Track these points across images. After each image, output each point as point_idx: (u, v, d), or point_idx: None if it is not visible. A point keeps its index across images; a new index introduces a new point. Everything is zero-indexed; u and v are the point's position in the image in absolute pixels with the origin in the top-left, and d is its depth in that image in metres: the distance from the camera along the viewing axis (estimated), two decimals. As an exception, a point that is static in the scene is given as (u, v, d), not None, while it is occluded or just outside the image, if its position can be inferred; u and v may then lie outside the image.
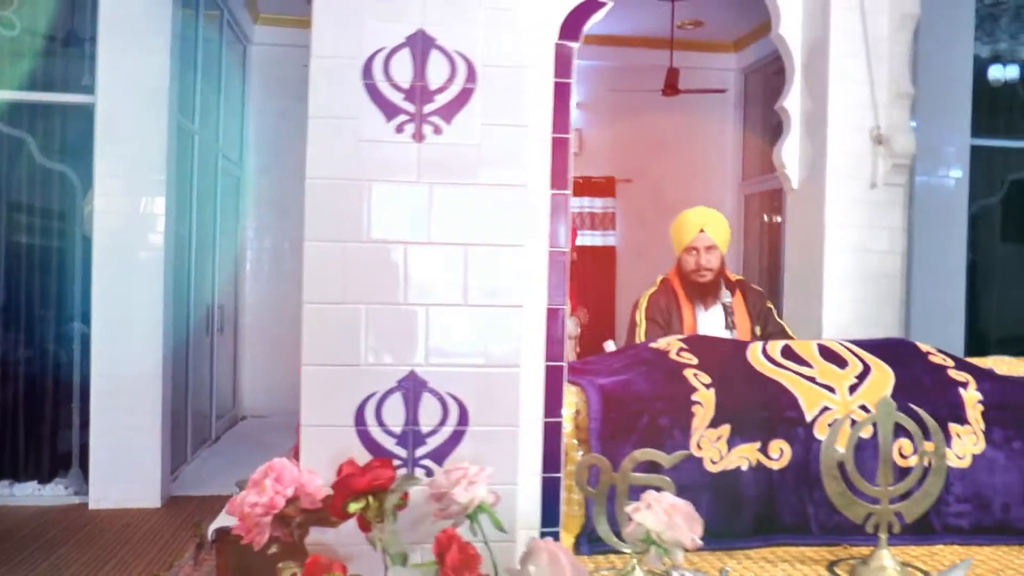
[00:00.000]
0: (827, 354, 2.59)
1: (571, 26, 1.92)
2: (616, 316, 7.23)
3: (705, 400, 2.37)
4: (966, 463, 2.48)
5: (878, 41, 3.92)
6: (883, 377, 2.52)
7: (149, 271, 4.75)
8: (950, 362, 2.64)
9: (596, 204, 7.35)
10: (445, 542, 1.50)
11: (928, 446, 2.21)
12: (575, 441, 2.34)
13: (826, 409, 2.39)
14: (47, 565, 3.95)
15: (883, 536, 2.18)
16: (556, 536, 1.95)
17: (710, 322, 3.33)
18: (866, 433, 2.34)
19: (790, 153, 4.13)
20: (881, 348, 2.70)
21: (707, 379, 2.42)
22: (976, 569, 2.27)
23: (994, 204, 5.80)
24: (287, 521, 1.70)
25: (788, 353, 2.58)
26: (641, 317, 3.38)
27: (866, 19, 3.88)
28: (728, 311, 3.26)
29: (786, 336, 3.33)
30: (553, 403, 1.92)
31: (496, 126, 1.81)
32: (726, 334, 3.23)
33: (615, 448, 2.27)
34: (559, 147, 1.91)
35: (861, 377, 2.50)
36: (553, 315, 1.91)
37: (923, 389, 2.51)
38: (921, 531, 2.44)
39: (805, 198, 4.13)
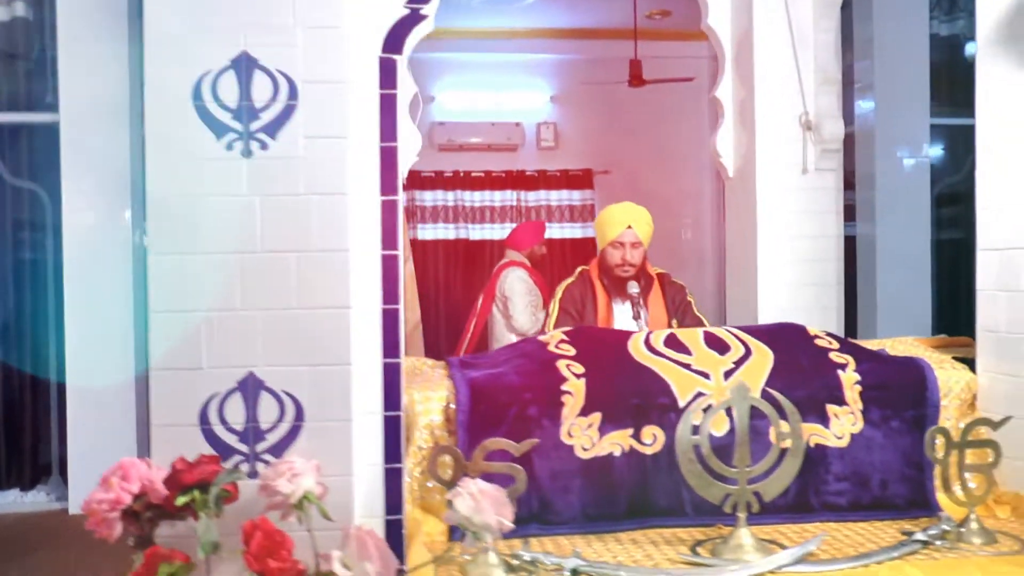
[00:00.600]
0: (711, 341, 2.68)
1: (393, 40, 2.03)
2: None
3: (575, 390, 2.46)
4: (844, 443, 2.56)
5: (803, 28, 3.96)
6: (761, 361, 2.59)
7: (119, 282, 4.92)
8: (834, 344, 2.71)
9: (575, 197, 7.35)
10: (250, 530, 1.62)
11: (783, 426, 2.29)
12: (446, 433, 2.46)
13: (700, 394, 2.47)
14: (26, 567, 4.12)
15: (741, 515, 2.27)
16: (399, 523, 2.06)
17: (625, 315, 3.41)
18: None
19: (725, 142, 4.19)
20: (767, 333, 2.79)
21: (580, 369, 2.52)
22: (843, 542, 2.35)
23: (959, 183, 5.79)
24: (137, 516, 1.84)
25: (671, 342, 2.67)
26: (555, 307, 3.47)
27: (790, 7, 3.93)
28: (635, 303, 3.34)
29: None
30: (392, 398, 2.03)
31: (319, 138, 1.93)
32: (633, 326, 3.30)
33: (484, 438, 2.38)
34: (387, 155, 2.02)
35: (739, 362, 2.59)
36: (389, 316, 2.02)
37: (801, 372, 2.59)
38: (800, 510, 2.53)
39: (740, 186, 4.18)
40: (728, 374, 2.56)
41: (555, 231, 7.28)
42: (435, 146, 7.06)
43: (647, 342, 2.68)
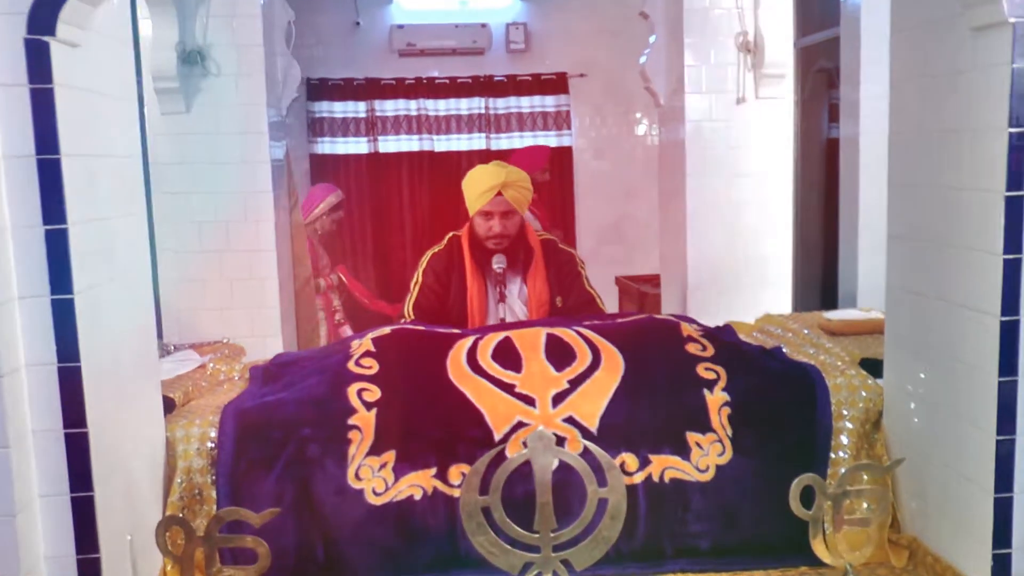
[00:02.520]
0: (554, 348, 2.31)
1: (39, 18, 1.50)
2: (576, 221, 6.79)
3: (363, 424, 2.12)
4: (708, 476, 2.15)
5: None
6: (606, 379, 2.22)
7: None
8: (707, 351, 2.28)
9: (548, 103, 6.79)
10: None
11: (614, 476, 1.81)
12: (209, 479, 2.03)
13: (521, 425, 2.10)
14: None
15: (551, 586, 1.83)
16: (96, 563, 1.65)
17: (496, 295, 2.93)
18: (573, 450, 2.01)
19: (655, 65, 3.57)
20: (628, 334, 2.41)
21: (374, 395, 2.18)
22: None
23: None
24: None
25: (501, 353, 2.31)
26: (418, 278, 3.06)
27: None
28: (499, 282, 2.84)
29: (590, 308, 2.99)
30: (73, 411, 1.60)
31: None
32: (498, 309, 2.81)
33: (252, 486, 2.01)
34: (47, 173, 1.53)
35: (578, 380, 2.22)
36: (61, 307, 1.57)
37: (654, 393, 2.21)
38: (649, 557, 2.16)
39: (671, 116, 3.63)
40: (560, 398, 2.16)
41: (528, 140, 6.74)
42: (395, 51, 6.49)
43: (471, 354, 2.26)
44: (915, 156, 1.97)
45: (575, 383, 2.15)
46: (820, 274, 4.21)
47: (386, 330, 2.41)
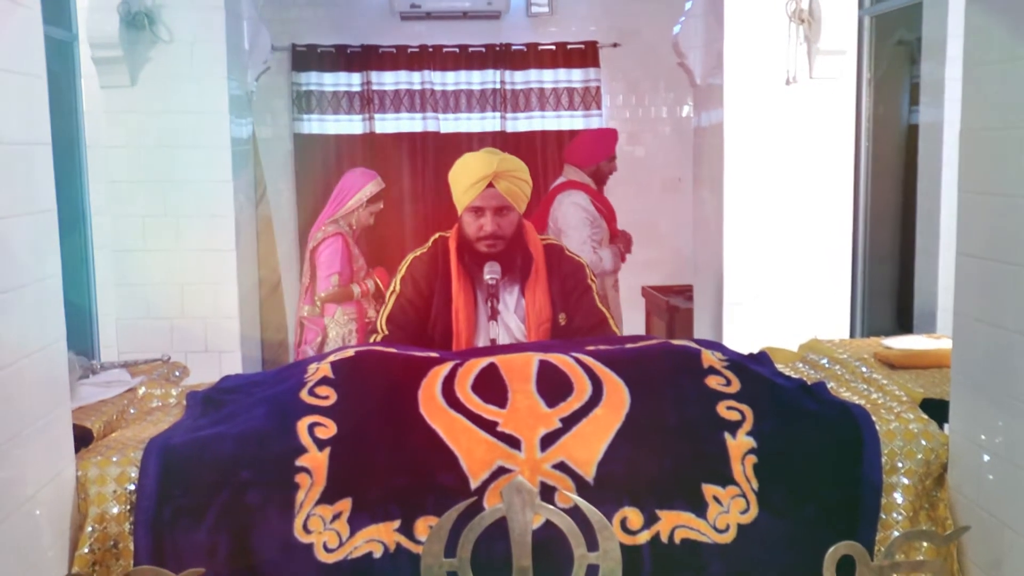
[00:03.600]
0: (547, 378, 2.25)
1: None
2: (605, 218, 6.74)
3: (314, 466, 2.06)
4: (728, 537, 2.08)
5: None
6: (607, 417, 2.15)
7: None
8: (732, 386, 2.27)
9: (575, 77, 6.72)
10: None
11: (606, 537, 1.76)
12: (126, 530, 1.98)
13: (502, 472, 2.05)
14: None
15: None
16: None
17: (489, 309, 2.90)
18: (563, 503, 1.99)
19: (691, 36, 3.52)
20: (636, 362, 2.35)
21: (329, 431, 2.13)
22: None
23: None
24: None
25: (484, 383, 2.24)
26: (395, 286, 3.01)
27: None
28: (492, 295, 2.79)
29: (603, 330, 2.94)
30: None
31: None
32: (489, 327, 2.77)
33: (179, 538, 2.00)
34: None
35: (573, 419, 2.15)
36: None
37: (664, 435, 2.14)
38: None
39: (708, 98, 3.61)
40: (550, 440, 2.09)
41: (550, 121, 6.74)
42: (396, 14, 6.51)
43: (448, 384, 2.21)
44: (993, 158, 1.90)
45: (569, 421, 2.09)
46: (893, 290, 4.12)
47: (348, 352, 2.35)
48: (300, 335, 4.61)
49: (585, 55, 6.73)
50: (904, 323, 3.91)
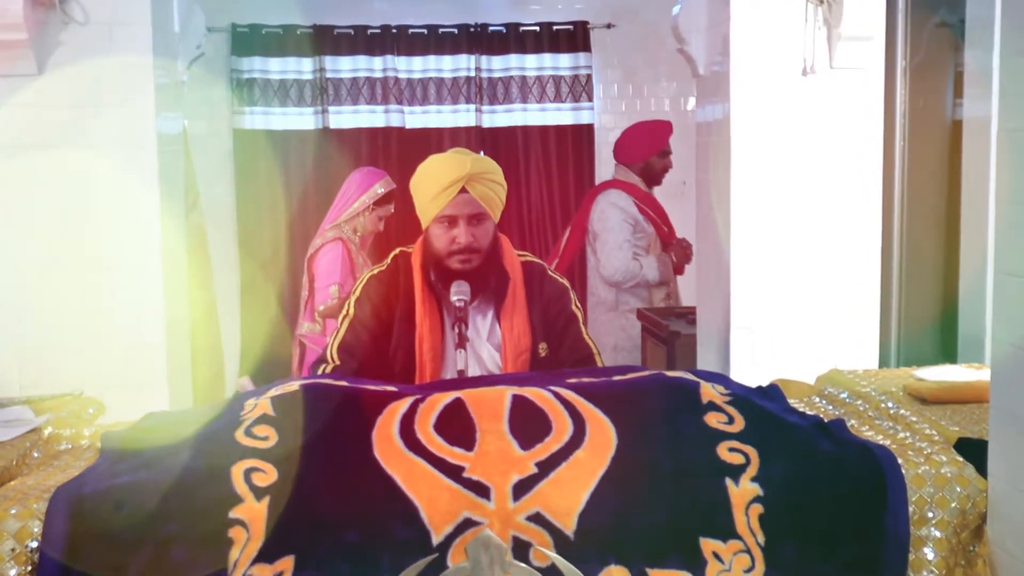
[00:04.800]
0: (522, 414, 2.30)
1: None
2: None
3: (251, 518, 2.09)
4: None
5: None
6: (590, 461, 2.19)
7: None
8: (735, 423, 2.36)
9: (562, 64, 6.79)
10: None
11: None
12: (26, 590, 2.01)
13: (469, 524, 2.10)
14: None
15: None
16: None
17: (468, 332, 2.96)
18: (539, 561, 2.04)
19: (693, 19, 3.61)
20: (625, 398, 2.40)
21: (269, 477, 2.15)
22: None
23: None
24: None
25: (448, 422, 2.28)
26: (348, 309, 3.07)
27: None
28: (459, 319, 2.83)
29: (587, 363, 3.02)
30: None
31: None
32: (456, 357, 2.84)
33: None
34: None
35: (550, 464, 2.19)
36: None
37: (656, 482, 2.19)
38: None
39: (712, 90, 3.74)
40: (525, 487, 2.13)
41: (533, 115, 6.85)
42: (354, -12, 6.54)
43: (407, 423, 2.25)
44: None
45: (547, 466, 2.13)
46: (933, 313, 4.17)
47: (292, 386, 2.39)
48: (300, 357, 4.65)
49: (574, 38, 6.83)
50: (947, 352, 3.95)
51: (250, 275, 6.43)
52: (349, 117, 6.72)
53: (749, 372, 3.23)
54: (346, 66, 6.71)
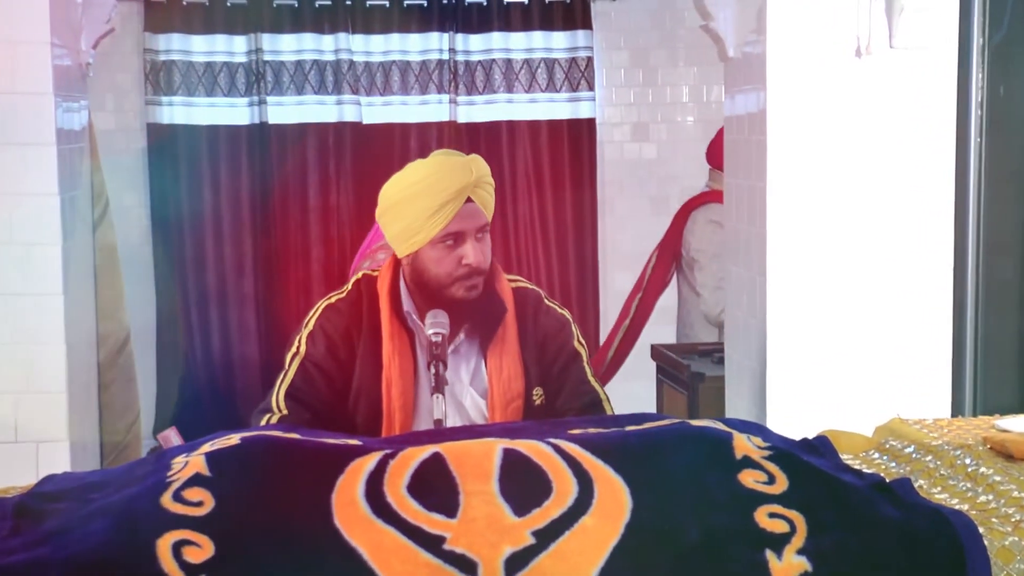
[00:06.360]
0: (515, 474, 2.31)
1: None
2: (600, 243, 6.91)
3: None
4: None
5: None
6: (597, 533, 2.21)
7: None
8: (778, 483, 2.34)
9: (556, 44, 6.87)
10: None
11: None
12: None
13: None
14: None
15: None
16: None
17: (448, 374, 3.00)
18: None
19: None
20: (641, 453, 2.43)
21: (202, 554, 2.14)
22: None
23: None
24: None
25: (425, 482, 2.29)
26: (298, 347, 3.08)
27: None
28: (436, 359, 2.87)
29: (593, 411, 3.05)
30: None
31: None
32: (434, 404, 2.86)
33: None
34: None
35: (550, 534, 2.19)
36: None
37: (679, 558, 2.21)
38: None
39: (744, 75, 3.80)
40: (519, 562, 2.14)
41: (521, 108, 6.92)
42: (299, -47, 6.63)
43: (375, 483, 2.26)
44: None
45: (546, 536, 2.15)
46: (1019, 348, 4.22)
47: (232, 439, 2.40)
48: None
49: (571, 12, 6.89)
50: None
51: (168, 305, 6.44)
52: (293, 110, 6.76)
53: (790, 422, 3.26)
54: (289, 46, 6.75)
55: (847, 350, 3.63)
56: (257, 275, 6.66)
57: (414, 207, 3.07)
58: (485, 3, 6.85)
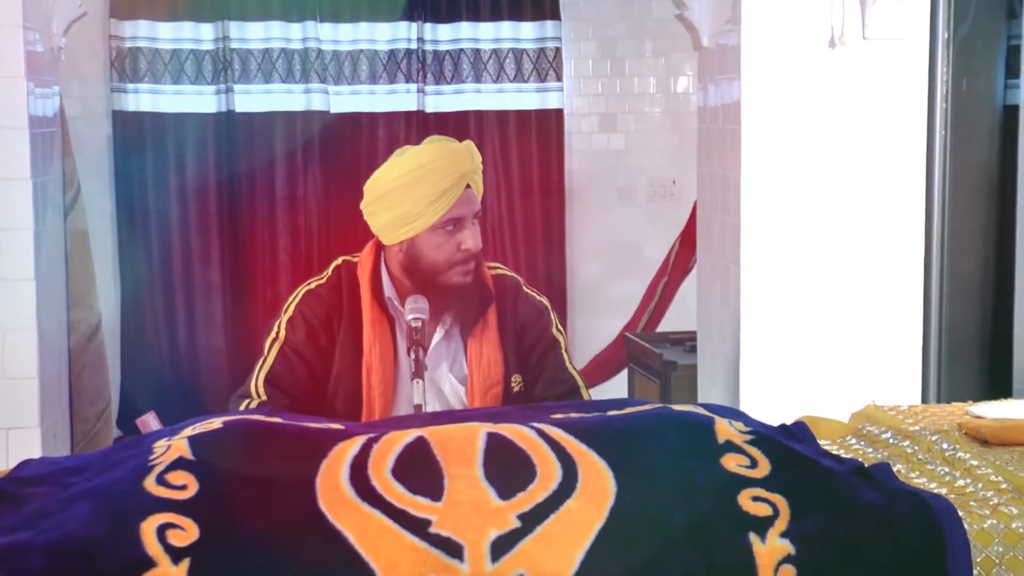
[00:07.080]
0: (499, 458, 2.31)
1: None
2: (567, 236, 6.89)
3: None
4: None
5: None
6: (581, 516, 2.21)
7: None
8: (760, 467, 2.36)
9: (525, 34, 6.87)
10: None
11: None
12: None
13: None
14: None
15: None
16: None
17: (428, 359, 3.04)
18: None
19: None
20: (624, 437, 2.44)
21: (187, 537, 2.13)
22: None
23: None
24: None
25: (409, 466, 2.29)
26: (278, 332, 3.10)
27: None
28: (416, 343, 2.87)
29: (572, 398, 3.09)
30: None
31: None
32: (414, 390, 2.86)
33: None
34: None
35: (534, 517, 2.19)
36: None
37: (662, 540, 2.21)
38: None
39: (718, 65, 3.81)
40: (505, 545, 2.14)
41: (489, 98, 6.91)
42: (264, -62, 6.60)
43: (359, 467, 2.26)
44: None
45: (531, 519, 2.15)
46: (981, 339, 4.24)
47: (215, 423, 2.39)
48: None
49: (540, 3, 6.90)
50: (998, 383, 4.04)
51: (132, 294, 6.40)
52: (260, 98, 6.74)
53: (765, 410, 3.26)
54: (256, 34, 6.73)
55: (819, 338, 3.65)
56: (223, 264, 6.62)
57: (414, 193, 3.09)
58: (453, -8, 6.85)
